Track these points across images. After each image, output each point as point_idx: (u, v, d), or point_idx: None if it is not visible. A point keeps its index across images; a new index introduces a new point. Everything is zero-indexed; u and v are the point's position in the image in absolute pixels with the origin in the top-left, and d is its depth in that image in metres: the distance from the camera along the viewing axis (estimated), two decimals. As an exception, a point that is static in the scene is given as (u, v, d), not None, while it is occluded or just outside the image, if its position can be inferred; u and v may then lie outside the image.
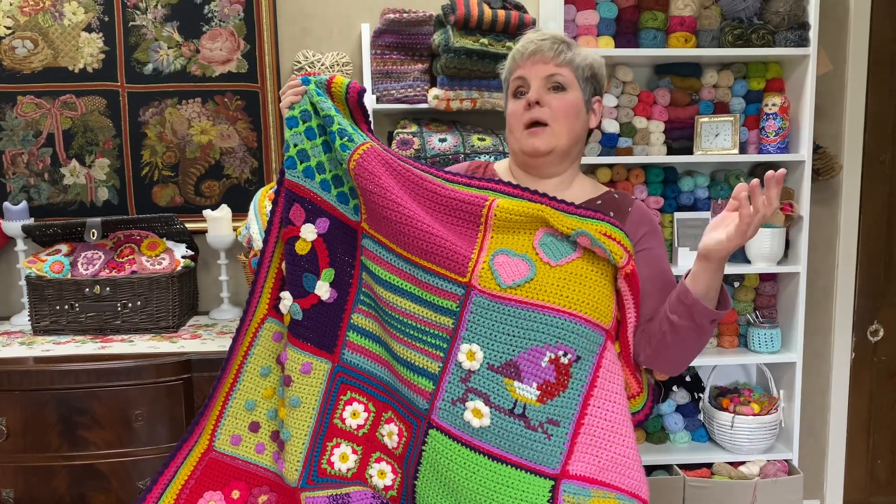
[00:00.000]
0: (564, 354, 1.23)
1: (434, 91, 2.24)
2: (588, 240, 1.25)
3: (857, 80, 2.61)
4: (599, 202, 1.40)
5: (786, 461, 2.44)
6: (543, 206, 1.29)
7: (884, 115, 2.66)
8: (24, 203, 2.29)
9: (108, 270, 2.12)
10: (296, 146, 1.34)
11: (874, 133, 2.66)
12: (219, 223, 2.27)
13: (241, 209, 2.33)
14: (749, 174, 2.56)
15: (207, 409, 1.38)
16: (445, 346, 1.27)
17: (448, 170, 1.41)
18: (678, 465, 2.43)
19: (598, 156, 2.35)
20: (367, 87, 2.27)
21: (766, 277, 2.55)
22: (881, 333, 2.76)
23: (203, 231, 2.32)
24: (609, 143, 2.37)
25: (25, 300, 2.24)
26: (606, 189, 1.45)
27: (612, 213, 1.34)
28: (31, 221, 2.27)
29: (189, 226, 2.28)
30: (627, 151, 2.39)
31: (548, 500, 1.20)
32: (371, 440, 1.37)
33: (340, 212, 1.36)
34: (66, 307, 2.09)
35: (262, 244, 1.39)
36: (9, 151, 2.33)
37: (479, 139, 2.26)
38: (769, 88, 2.46)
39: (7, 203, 2.27)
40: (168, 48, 2.33)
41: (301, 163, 1.34)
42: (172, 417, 1.84)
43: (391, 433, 1.34)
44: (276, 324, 1.39)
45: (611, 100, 2.38)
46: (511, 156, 1.46)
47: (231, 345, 1.39)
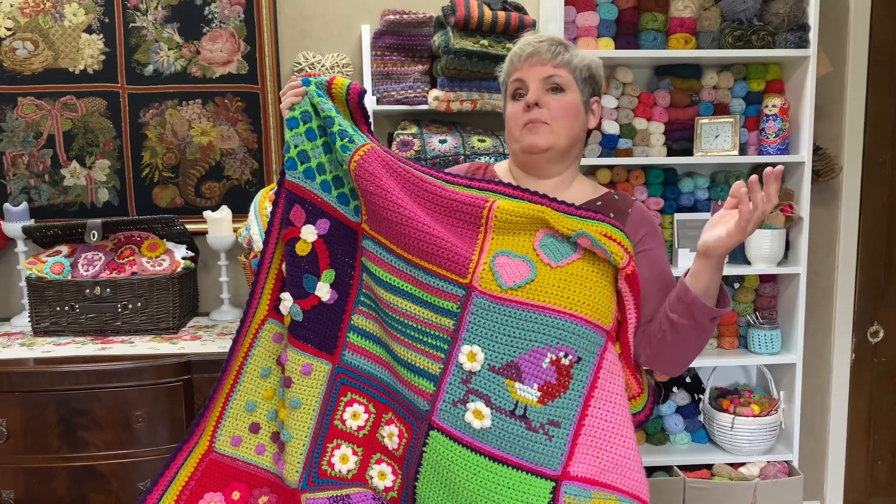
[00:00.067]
0: (565, 355, 1.23)
1: (434, 92, 2.24)
2: (588, 241, 1.25)
3: (857, 82, 2.61)
4: (599, 203, 1.40)
5: (786, 462, 2.44)
6: (544, 207, 1.29)
7: (884, 117, 2.66)
8: (25, 204, 2.29)
9: (109, 272, 2.12)
10: (296, 147, 1.34)
11: (874, 134, 2.66)
12: (219, 224, 2.27)
13: (242, 210, 2.33)
14: (749, 175, 2.55)
15: (208, 411, 1.38)
16: (446, 348, 1.27)
17: (448, 171, 1.41)
18: (678, 467, 2.43)
19: (598, 157, 2.35)
20: (368, 89, 2.28)
21: (767, 279, 2.55)
22: (881, 334, 2.76)
23: (203, 232, 2.32)
24: (609, 145, 2.37)
25: (26, 301, 2.24)
26: (606, 190, 1.45)
27: (612, 215, 1.34)
28: (32, 223, 2.27)
29: (189, 227, 2.28)
30: (627, 153, 2.39)
31: (548, 502, 1.19)
32: (371, 441, 1.37)
33: (341, 213, 1.36)
34: (67, 308, 2.09)
35: (263, 245, 1.39)
36: (9, 153, 2.33)
37: (480, 140, 2.26)
38: (769, 90, 2.46)
39: (7, 204, 2.27)
40: (168, 49, 2.33)
41: (301, 164, 1.34)
42: (173, 418, 1.84)
43: (392, 434, 1.34)
44: (277, 325, 1.39)
45: (611, 101, 2.38)
46: (511, 157, 1.47)
47: (231, 346, 1.39)
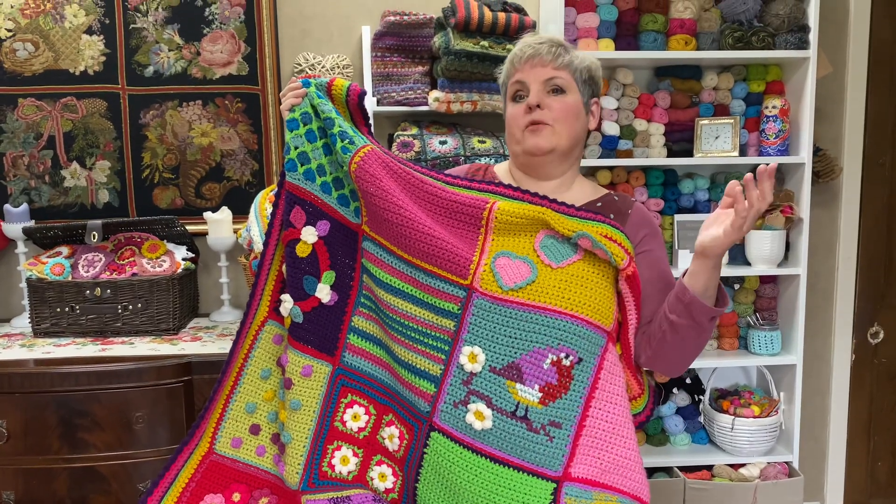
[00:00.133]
0: (566, 356, 1.23)
1: (434, 93, 2.24)
2: (589, 242, 1.25)
3: (857, 83, 2.61)
4: (599, 204, 1.40)
5: (786, 463, 2.44)
6: (544, 209, 1.29)
7: (884, 118, 2.66)
8: (25, 205, 2.28)
9: (109, 273, 2.12)
10: (296, 149, 1.34)
11: (874, 135, 2.66)
12: (219, 225, 2.27)
13: (242, 211, 2.33)
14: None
15: (208, 412, 1.38)
16: (447, 349, 1.26)
17: (448, 172, 1.41)
18: (678, 468, 2.43)
19: (599, 158, 2.35)
20: (368, 90, 2.28)
21: (767, 280, 2.55)
22: (881, 335, 2.76)
23: (204, 233, 2.32)
24: (609, 146, 2.37)
25: (26, 302, 2.24)
26: (606, 191, 1.45)
27: (613, 216, 1.34)
28: (32, 224, 2.27)
29: (190, 228, 2.28)
30: (627, 154, 2.39)
31: (549, 503, 1.19)
32: (372, 443, 1.37)
33: (341, 214, 1.36)
34: (67, 309, 2.09)
35: (263, 247, 1.38)
36: (9, 153, 2.33)
37: (480, 141, 2.26)
38: (769, 91, 2.47)
39: (8, 205, 2.27)
40: (169, 51, 2.34)
41: (302, 165, 1.34)
42: (173, 420, 1.84)
43: (392, 436, 1.34)
44: (277, 326, 1.39)
45: (611, 102, 2.38)
46: (511, 158, 1.46)
47: (231, 347, 1.39)
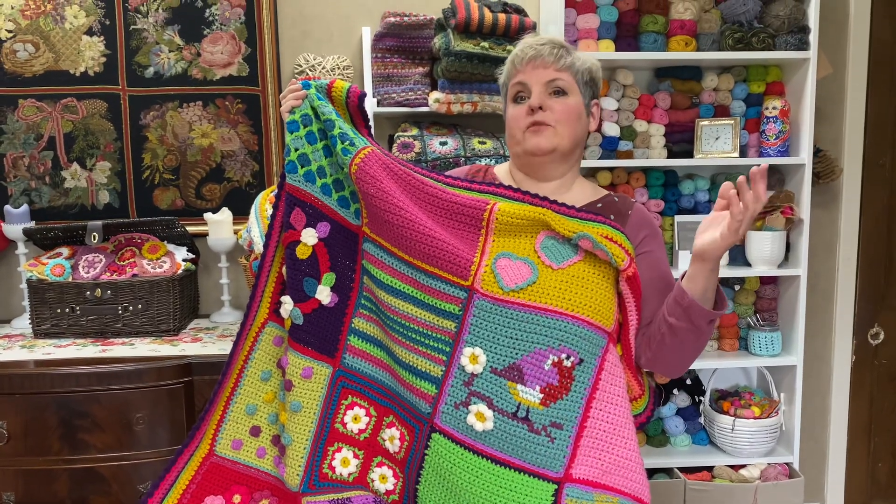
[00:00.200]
0: (567, 357, 1.23)
1: (435, 94, 2.25)
2: (590, 243, 1.25)
3: (858, 84, 2.61)
4: (600, 205, 1.40)
5: (786, 464, 2.44)
6: (544, 210, 1.29)
7: (884, 119, 2.66)
8: (26, 206, 2.28)
9: (109, 273, 2.12)
10: (296, 150, 1.34)
11: (874, 136, 2.66)
12: (220, 226, 2.27)
13: (242, 212, 2.33)
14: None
15: (208, 414, 1.38)
16: (448, 350, 1.26)
17: (448, 174, 1.41)
18: (679, 469, 2.43)
19: (599, 159, 2.35)
20: (368, 91, 2.28)
21: (767, 280, 2.55)
22: (882, 336, 2.76)
23: (204, 234, 2.32)
24: (609, 147, 2.37)
25: (26, 303, 2.24)
26: (606, 192, 1.45)
27: (613, 217, 1.34)
28: (32, 224, 2.27)
29: (190, 229, 2.29)
30: (628, 155, 2.39)
31: (550, 504, 1.20)
32: (372, 444, 1.36)
33: (341, 216, 1.36)
34: (67, 310, 2.09)
35: (263, 248, 1.38)
36: (10, 154, 2.33)
37: (480, 142, 2.26)
38: (769, 92, 2.47)
39: (8, 206, 2.27)
40: (169, 52, 2.34)
41: (302, 167, 1.34)
42: (173, 421, 1.84)
43: (392, 437, 1.34)
44: (277, 328, 1.39)
45: (611, 103, 2.38)
46: (512, 159, 1.46)
47: (232, 349, 1.39)
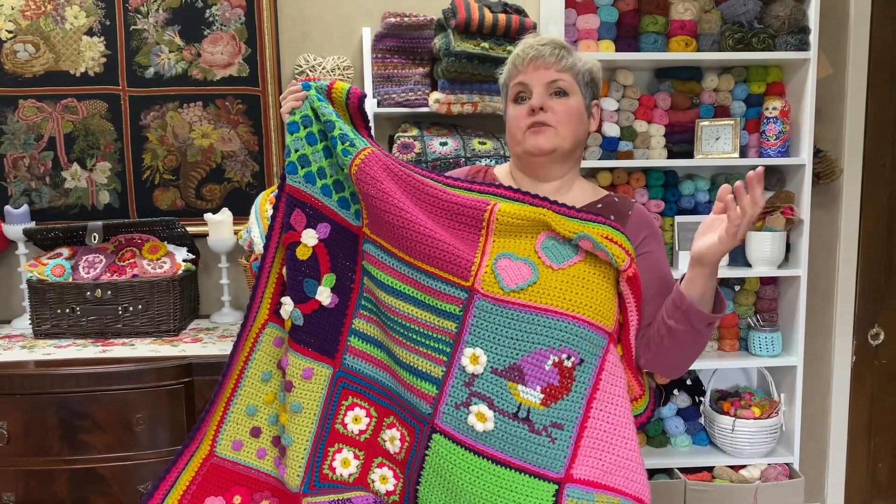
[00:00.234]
0: (568, 357, 1.23)
1: (435, 95, 2.25)
2: (590, 243, 1.25)
3: (858, 84, 2.61)
4: (600, 206, 1.40)
5: (787, 465, 2.44)
6: (545, 210, 1.29)
7: (884, 119, 2.66)
8: (26, 206, 2.28)
9: (110, 274, 2.12)
10: (297, 151, 1.34)
11: (874, 136, 2.66)
12: (220, 227, 2.27)
13: (243, 213, 2.33)
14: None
15: (209, 415, 1.38)
16: (449, 351, 1.26)
17: (448, 175, 1.41)
18: (679, 469, 2.43)
19: (599, 159, 2.35)
20: (368, 91, 2.28)
21: (767, 281, 2.55)
22: (882, 337, 2.76)
23: (204, 235, 2.32)
24: (610, 147, 2.37)
25: (27, 304, 2.24)
26: (606, 192, 1.45)
27: (613, 217, 1.34)
28: (33, 225, 2.27)
29: (190, 229, 2.29)
30: (628, 155, 2.39)
31: (551, 505, 1.20)
32: (373, 445, 1.37)
33: (342, 217, 1.37)
34: (68, 311, 2.09)
35: (263, 249, 1.38)
36: (10, 155, 2.33)
37: (480, 143, 2.26)
38: (770, 92, 2.47)
39: (8, 207, 2.27)
40: (169, 52, 2.34)
41: (302, 168, 1.34)
42: (173, 421, 1.84)
43: (393, 438, 1.34)
44: (277, 329, 1.39)
45: (611, 103, 2.38)
46: (511, 160, 1.46)
47: (232, 350, 1.39)
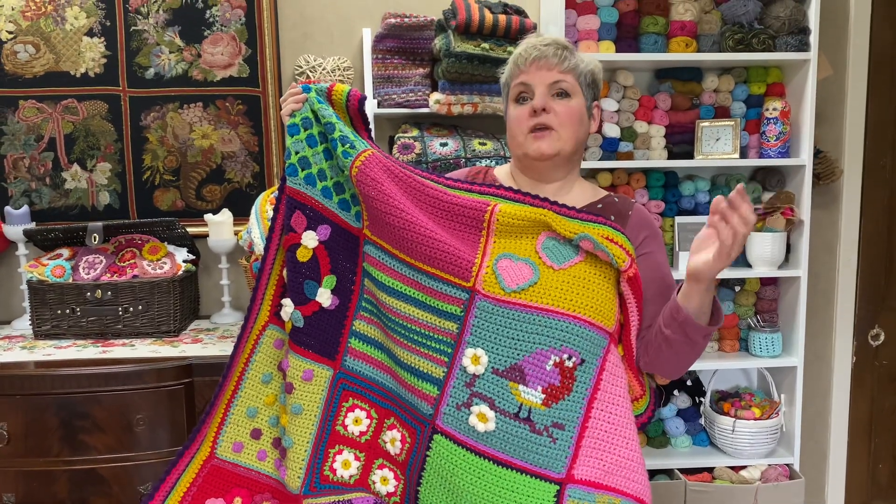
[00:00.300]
0: (569, 357, 1.23)
1: (435, 95, 2.25)
2: (591, 243, 1.25)
3: (858, 85, 2.61)
4: (600, 206, 1.40)
5: (787, 465, 2.44)
6: (545, 211, 1.29)
7: (884, 120, 2.66)
8: (26, 207, 2.28)
9: (110, 275, 2.12)
10: (297, 153, 1.34)
11: (874, 137, 2.66)
12: (220, 227, 2.27)
13: (243, 213, 2.33)
14: (750, 178, 2.56)
15: (209, 417, 1.38)
16: (450, 351, 1.27)
17: (448, 176, 1.41)
18: (679, 470, 2.43)
19: (599, 160, 2.35)
20: (369, 92, 2.28)
21: (767, 282, 2.55)
22: (882, 337, 2.76)
23: (204, 235, 2.32)
24: (610, 148, 2.37)
25: (27, 304, 2.23)
26: (606, 193, 1.46)
27: (613, 217, 1.35)
28: (33, 226, 2.27)
29: (190, 230, 2.28)
30: (628, 156, 2.39)
31: (552, 505, 1.20)
32: (373, 447, 1.37)
33: (342, 219, 1.37)
34: (68, 311, 2.09)
35: (264, 251, 1.39)
36: (10, 156, 2.33)
37: (481, 143, 2.26)
38: (770, 93, 2.47)
39: (8, 207, 2.27)
40: (169, 53, 2.34)
41: (302, 170, 1.34)
42: (174, 422, 1.84)
43: (394, 440, 1.34)
44: (278, 331, 1.39)
45: (612, 104, 2.38)
46: (513, 161, 1.46)
47: (232, 352, 1.39)
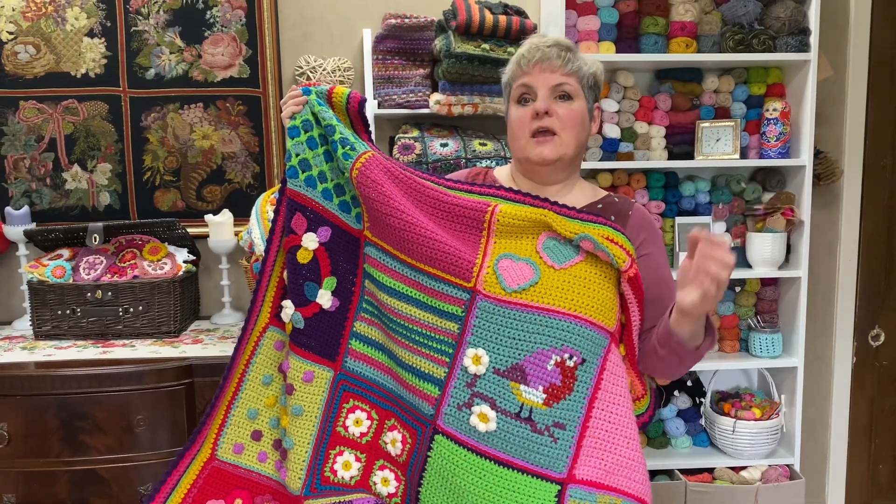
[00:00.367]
0: (570, 357, 1.23)
1: (435, 96, 2.25)
2: (591, 244, 1.25)
3: (858, 85, 2.61)
4: (600, 206, 1.41)
5: (787, 466, 2.44)
6: (545, 211, 1.29)
7: (884, 120, 2.66)
8: (26, 208, 2.28)
9: (110, 275, 2.12)
10: (297, 156, 1.34)
11: (875, 138, 2.66)
12: (220, 228, 2.27)
13: (243, 214, 2.33)
14: (750, 179, 2.56)
15: (210, 418, 1.38)
16: (451, 352, 1.27)
17: (448, 177, 1.42)
18: (680, 470, 2.43)
19: (599, 161, 2.35)
20: (369, 93, 2.28)
21: (768, 282, 2.55)
22: (882, 338, 2.76)
23: (205, 236, 2.32)
24: (610, 148, 2.37)
25: (27, 305, 2.23)
26: (606, 193, 1.46)
27: (613, 217, 1.35)
28: (33, 226, 2.27)
29: (191, 230, 2.28)
30: (628, 156, 2.39)
31: (553, 505, 1.20)
32: (374, 448, 1.37)
33: (342, 220, 1.37)
34: (68, 312, 2.09)
35: (264, 253, 1.39)
36: (11, 156, 2.33)
37: (481, 144, 2.26)
38: (770, 93, 2.47)
39: (9, 208, 2.27)
40: (170, 53, 2.34)
41: (303, 172, 1.34)
42: (174, 422, 1.84)
43: (394, 440, 1.34)
44: (278, 332, 1.39)
45: (612, 105, 2.39)
46: (514, 162, 1.46)
47: (233, 353, 1.39)
